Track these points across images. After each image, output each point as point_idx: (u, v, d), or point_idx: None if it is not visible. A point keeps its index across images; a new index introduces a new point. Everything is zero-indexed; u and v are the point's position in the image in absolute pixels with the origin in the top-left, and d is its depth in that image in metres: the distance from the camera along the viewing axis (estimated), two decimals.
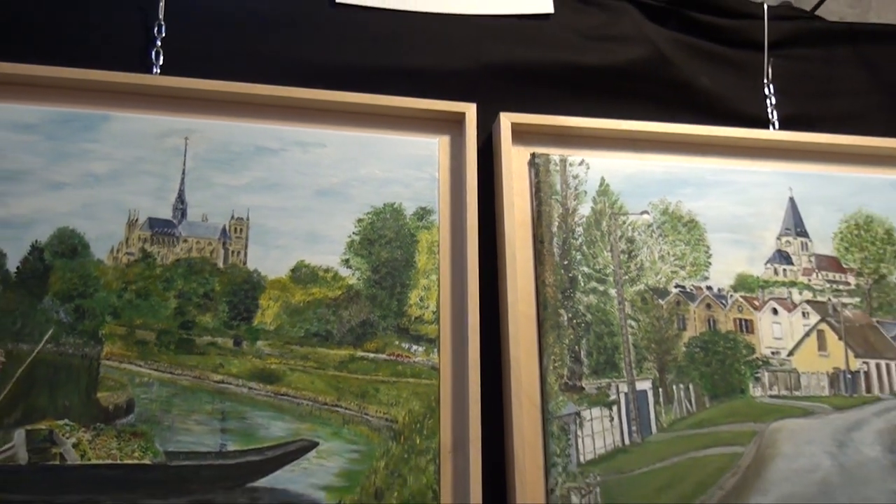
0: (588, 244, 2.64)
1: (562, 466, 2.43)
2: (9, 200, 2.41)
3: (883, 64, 2.95)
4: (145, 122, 2.53)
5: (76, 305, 2.37)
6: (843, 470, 2.54)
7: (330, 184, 2.57)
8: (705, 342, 2.63)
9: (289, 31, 2.71)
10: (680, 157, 2.78)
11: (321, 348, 2.45)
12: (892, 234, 2.78)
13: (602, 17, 2.90)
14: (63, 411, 2.29)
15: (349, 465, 2.35)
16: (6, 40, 2.54)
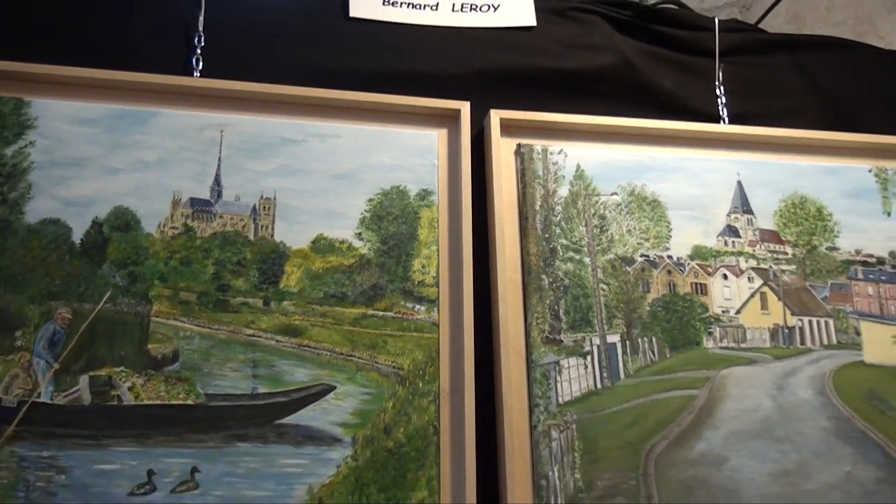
0: (566, 220, 2.65)
1: (543, 407, 2.45)
2: (73, 183, 2.43)
3: (815, 69, 2.96)
4: (187, 117, 2.55)
5: (130, 271, 2.39)
6: (781, 409, 2.56)
7: (344, 169, 2.59)
8: (666, 302, 2.64)
9: (309, 41, 2.72)
10: (644, 147, 2.79)
11: (337, 307, 2.47)
12: (822, 211, 2.79)
13: (577, 28, 2.91)
14: (119, 360, 2.32)
15: (362, 405, 2.38)
16: (74, 49, 2.55)
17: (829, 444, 2.54)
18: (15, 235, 2.37)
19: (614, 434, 2.47)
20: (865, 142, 2.87)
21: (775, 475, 2.48)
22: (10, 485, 2.15)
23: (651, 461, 2.45)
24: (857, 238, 2.79)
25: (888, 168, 2.85)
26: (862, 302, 2.72)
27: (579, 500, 2.38)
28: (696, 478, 2.45)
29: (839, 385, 2.62)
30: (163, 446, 2.25)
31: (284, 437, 2.31)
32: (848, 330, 2.69)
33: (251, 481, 2.25)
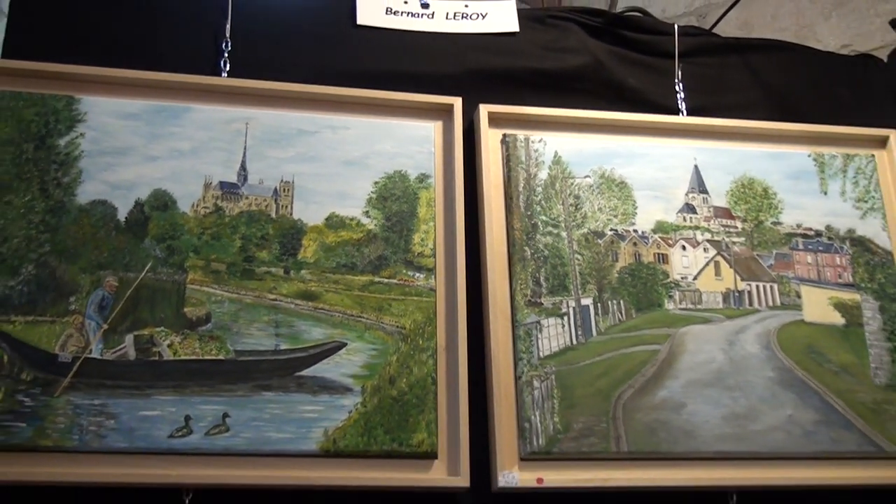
0: (545, 199, 2.66)
1: (526, 360, 2.47)
2: (118, 169, 2.45)
3: (762, 68, 2.97)
4: (216, 112, 2.56)
5: (168, 245, 2.41)
6: (732, 361, 2.59)
7: (353, 156, 2.60)
8: (632, 270, 2.66)
9: (322, 45, 2.74)
10: (613, 136, 2.80)
11: (348, 275, 2.49)
12: (768, 191, 2.80)
13: (555, 34, 2.91)
14: (160, 321, 2.34)
15: (370, 359, 2.40)
16: (118, 53, 2.57)
17: (773, 392, 2.56)
18: (68, 214, 2.39)
19: (588, 383, 2.49)
20: (805, 130, 2.88)
21: (727, 418, 2.50)
22: (66, 429, 2.18)
23: (619, 406, 2.47)
24: (798, 214, 2.80)
25: (825, 153, 2.86)
26: (802, 269, 2.74)
27: (557, 440, 2.40)
28: (658, 420, 2.48)
29: (782, 341, 2.64)
30: (198, 395, 2.28)
31: (303, 386, 2.34)
32: (790, 293, 2.71)
33: (275, 425, 2.28)
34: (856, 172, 2.85)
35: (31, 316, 2.29)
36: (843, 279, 2.75)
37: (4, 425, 2.16)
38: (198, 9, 2.70)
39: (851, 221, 2.82)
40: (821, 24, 3.80)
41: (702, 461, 2.47)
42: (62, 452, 2.18)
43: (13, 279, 2.31)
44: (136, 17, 2.67)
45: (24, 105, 2.45)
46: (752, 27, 3.83)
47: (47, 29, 2.61)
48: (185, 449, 2.22)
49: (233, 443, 2.25)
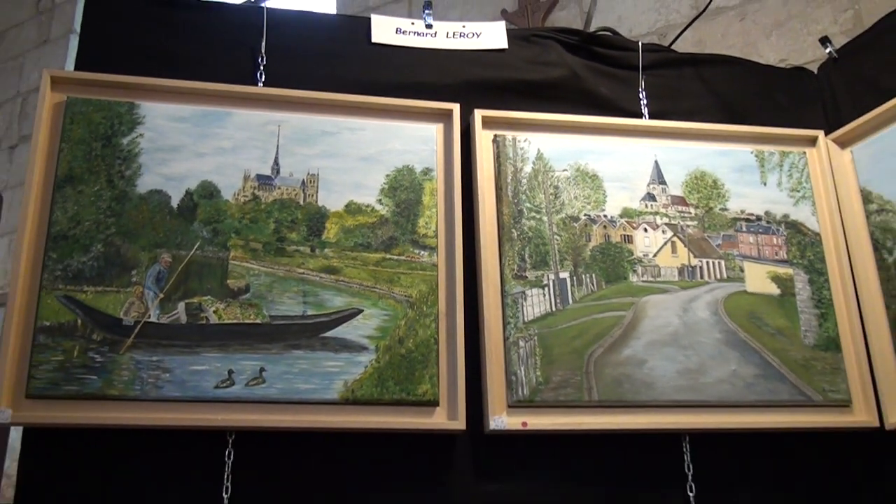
0: (530, 189, 2.68)
1: (513, 324, 2.51)
2: (171, 164, 2.47)
3: (712, 79, 2.98)
4: (254, 115, 2.58)
5: (213, 227, 2.45)
6: (686, 325, 2.62)
7: (368, 153, 2.62)
8: (602, 249, 2.68)
9: (342, 59, 2.76)
10: (587, 136, 2.81)
11: (364, 253, 2.52)
12: (717, 182, 2.82)
13: (538, 50, 2.93)
14: (207, 291, 2.38)
15: (383, 323, 2.44)
16: (172, 66, 2.59)
17: (720, 350, 2.60)
18: (130, 202, 2.42)
19: (564, 343, 2.53)
20: (748, 131, 2.91)
21: (681, 372, 2.54)
22: (129, 380, 2.23)
23: (591, 362, 2.51)
24: (742, 202, 2.83)
25: (765, 150, 2.88)
26: (745, 248, 2.76)
27: (539, 390, 2.44)
28: (623, 374, 2.51)
29: (728, 308, 2.67)
30: (239, 353, 2.32)
31: (327, 345, 2.38)
32: (735, 268, 2.73)
33: (303, 377, 2.33)
34: (790, 167, 2.87)
35: (100, 287, 2.32)
36: (779, 256, 2.77)
37: (78, 377, 2.21)
38: (239, 30, 2.71)
39: (786, 208, 2.84)
40: (763, 42, 3.81)
41: (660, 408, 2.50)
42: (126, 400, 2.23)
43: (85, 256, 2.34)
44: (188, 36, 2.68)
45: (93, 110, 2.47)
46: (705, 44, 3.85)
47: (112, 45, 2.62)
48: (228, 398, 2.27)
49: (268, 392, 2.29)
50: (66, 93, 2.49)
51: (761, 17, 3.88)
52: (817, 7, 3.76)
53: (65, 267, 2.32)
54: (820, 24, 3.66)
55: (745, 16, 3.91)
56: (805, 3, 3.79)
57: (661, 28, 4.03)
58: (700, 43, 3.86)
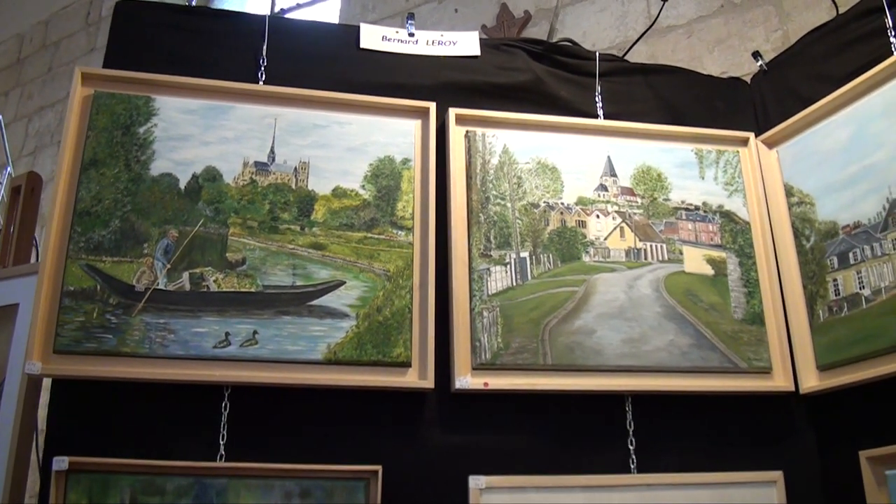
0: (496, 179, 2.61)
1: (479, 296, 2.44)
2: (180, 151, 2.40)
3: (659, 86, 2.92)
4: (254, 110, 2.50)
5: (215, 207, 2.38)
6: (631, 300, 2.55)
7: (354, 144, 2.53)
8: (559, 232, 2.61)
9: (334, 62, 2.68)
10: (548, 133, 2.73)
11: (348, 232, 2.44)
12: (661, 176, 2.75)
13: (506, 57, 2.85)
14: (208, 263, 2.32)
15: (363, 293, 2.37)
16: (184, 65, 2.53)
17: (660, 322, 2.53)
18: (144, 183, 2.36)
19: (523, 314, 2.46)
20: (689, 132, 2.83)
21: (625, 341, 2.48)
22: (140, 340, 2.19)
23: (547, 331, 2.44)
24: (682, 193, 2.75)
25: (703, 149, 2.81)
26: (684, 233, 2.69)
27: (500, 355, 2.38)
28: (575, 342, 2.45)
29: (668, 286, 2.60)
30: (235, 317, 2.26)
31: (313, 312, 2.32)
32: (675, 251, 2.66)
33: (291, 340, 2.27)
34: (725, 164, 2.80)
35: (117, 257, 2.27)
36: (713, 241, 2.71)
37: (97, 336, 2.18)
38: (244, 35, 2.65)
39: (721, 199, 2.77)
40: (706, 56, 3.76)
41: (606, 372, 2.45)
42: (137, 357, 2.19)
43: (104, 230, 2.29)
44: (199, 39, 2.62)
45: (115, 102, 2.41)
46: (657, 58, 3.79)
47: (134, 46, 2.57)
48: (225, 356, 2.23)
49: (260, 353, 2.24)
50: (94, 87, 2.44)
51: (705, 34, 3.82)
52: (752, 27, 3.70)
53: (87, 239, 2.27)
54: (754, 42, 3.61)
55: (692, 33, 3.85)
56: (742, 24, 3.74)
57: (620, 43, 3.97)
58: (653, 56, 3.80)
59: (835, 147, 2.59)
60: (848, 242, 2.51)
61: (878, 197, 2.43)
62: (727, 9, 3.80)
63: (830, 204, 2.59)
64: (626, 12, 4.04)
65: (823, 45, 2.78)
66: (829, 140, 2.62)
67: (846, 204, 2.54)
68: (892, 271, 2.36)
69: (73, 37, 6.47)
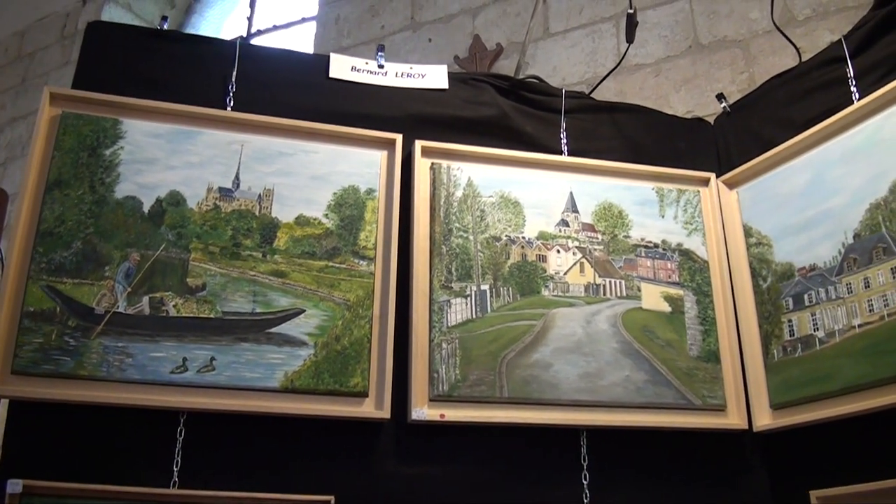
0: (459, 212, 2.62)
1: (438, 328, 2.45)
2: (145, 174, 2.40)
3: (623, 124, 2.95)
4: (220, 136, 2.50)
5: (177, 231, 2.37)
6: (588, 335, 2.56)
7: (319, 173, 2.53)
8: (520, 266, 2.62)
9: (302, 90, 2.68)
10: (512, 167, 2.75)
11: (309, 260, 2.44)
12: (622, 213, 2.77)
13: (474, 91, 2.87)
14: (168, 287, 2.31)
15: (322, 322, 2.37)
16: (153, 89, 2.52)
17: (616, 358, 2.55)
18: (108, 206, 2.34)
19: (482, 346, 2.47)
20: (651, 171, 2.86)
21: (581, 376, 2.49)
22: (98, 363, 2.17)
23: (504, 364, 2.45)
24: (642, 231, 2.77)
25: (664, 188, 2.84)
26: (643, 270, 2.71)
27: (458, 387, 2.39)
28: (532, 375, 2.46)
29: (625, 321, 2.62)
30: (193, 343, 2.25)
31: (271, 340, 2.31)
32: (633, 287, 2.68)
33: (248, 367, 2.26)
34: (685, 203, 2.83)
35: (78, 279, 2.25)
36: (671, 279, 2.72)
37: (54, 358, 2.16)
38: (213, 59, 2.65)
39: (680, 238, 2.79)
40: (673, 95, 3.79)
41: (562, 406, 2.45)
42: (94, 380, 2.18)
43: (66, 251, 2.27)
44: (170, 63, 2.61)
45: (83, 123, 2.40)
46: (625, 95, 3.81)
47: (104, 68, 2.56)
48: (182, 382, 2.21)
49: (217, 379, 2.23)
50: (62, 107, 2.43)
51: (673, 74, 3.85)
52: (719, 69, 3.74)
53: (49, 260, 2.26)
54: (721, 83, 3.64)
55: (660, 72, 3.88)
56: (709, 65, 3.77)
57: (589, 78, 3.99)
58: (621, 93, 3.83)
59: (794, 191, 2.63)
60: (803, 284, 2.54)
61: (834, 241, 2.47)
62: (695, 49, 3.84)
63: (787, 246, 2.62)
64: (596, 49, 4.08)
65: (786, 91, 2.83)
66: (788, 184, 2.66)
67: (803, 247, 2.57)
68: (846, 314, 2.39)
69: (48, 49, 6.42)
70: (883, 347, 2.26)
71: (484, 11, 4.49)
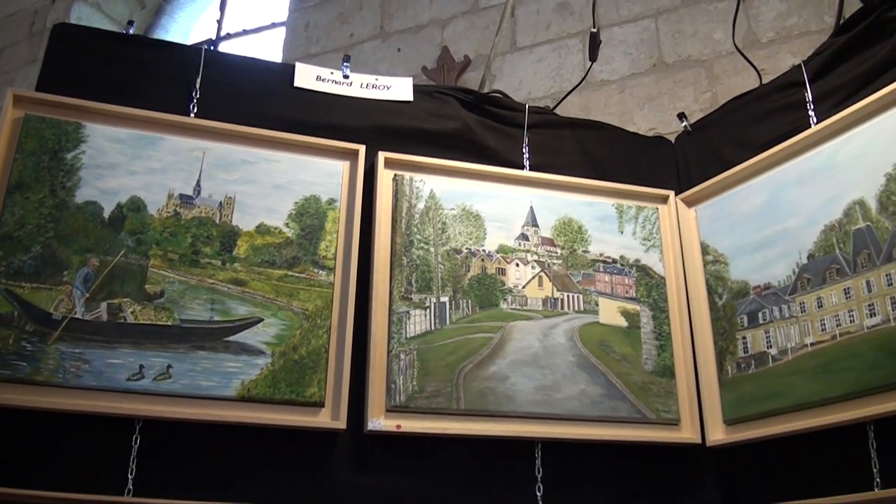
0: (421, 224, 2.63)
1: (397, 339, 2.46)
2: (107, 179, 2.38)
3: (585, 140, 2.98)
4: (183, 142, 2.49)
5: (137, 238, 2.35)
6: (545, 348, 2.59)
7: (281, 182, 2.54)
8: (479, 278, 2.64)
9: (266, 99, 2.68)
10: (474, 181, 2.77)
11: (269, 269, 2.44)
12: (581, 228, 2.80)
13: (438, 104, 2.88)
14: (127, 294, 2.29)
15: (280, 332, 2.37)
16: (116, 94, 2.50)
17: (572, 371, 2.57)
18: (68, 210, 2.32)
19: (440, 358, 2.48)
20: (611, 187, 2.89)
21: (538, 388, 2.51)
22: (54, 369, 2.15)
23: (461, 376, 2.46)
24: (601, 246, 2.80)
25: (624, 204, 2.87)
26: (601, 285, 2.74)
27: (414, 398, 2.40)
28: (488, 388, 2.47)
29: (582, 336, 2.64)
30: (150, 350, 2.24)
31: (229, 348, 2.31)
32: (591, 302, 2.71)
33: (205, 375, 2.25)
34: (644, 219, 2.87)
35: (36, 283, 2.23)
36: (629, 294, 2.75)
37: (11, 363, 2.14)
38: (178, 65, 2.63)
39: (638, 254, 2.82)
40: (636, 112, 3.83)
41: (518, 418, 2.47)
42: (50, 386, 2.15)
43: (25, 255, 2.25)
44: (135, 68, 2.60)
45: (45, 126, 2.38)
46: (590, 110, 3.85)
47: (69, 71, 2.53)
48: (139, 389, 2.20)
49: (173, 387, 2.22)
50: (25, 110, 2.41)
51: (637, 91, 3.89)
52: (683, 87, 3.79)
53: (8, 264, 2.23)
54: (684, 102, 3.69)
55: (624, 89, 3.92)
56: (673, 83, 3.82)
57: (555, 93, 4.02)
58: (585, 108, 3.87)
59: (750, 210, 2.67)
60: (758, 302, 2.58)
61: (789, 261, 2.51)
62: (659, 68, 3.88)
63: (743, 264, 2.66)
64: (563, 64, 4.11)
65: (746, 112, 2.88)
66: (745, 203, 2.70)
67: (758, 265, 2.61)
68: (798, 333, 2.44)
69: (16, 46, 6.35)
70: (834, 366, 2.31)
71: (453, 23, 4.52)
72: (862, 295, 2.29)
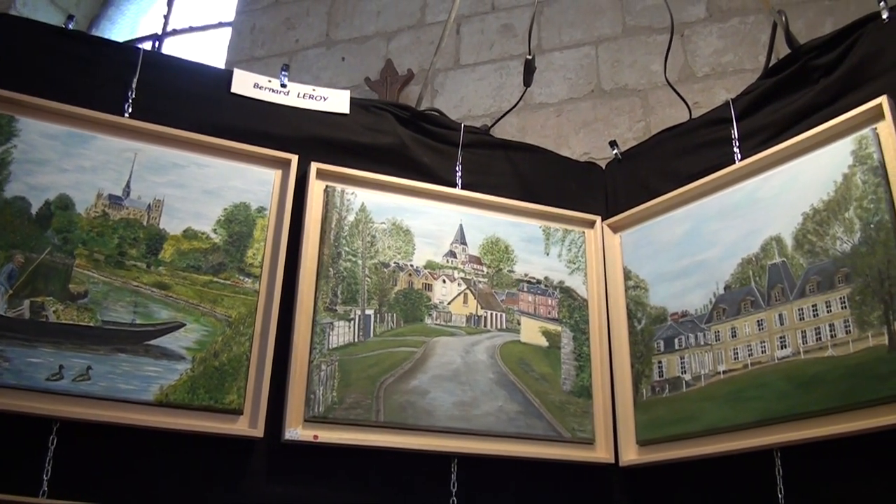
0: (350, 236, 2.65)
1: (319, 349, 2.47)
2: (37, 175, 2.36)
3: (517, 162, 3.03)
4: (115, 142, 2.47)
5: (64, 236, 2.33)
6: (467, 364, 2.63)
7: (211, 187, 2.54)
8: (405, 293, 2.67)
9: (202, 103, 2.67)
10: (406, 196, 2.80)
11: (195, 274, 2.44)
12: (508, 248, 2.85)
13: (374, 118, 2.91)
14: (50, 292, 2.27)
15: (202, 338, 2.37)
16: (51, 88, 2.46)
17: (491, 388, 2.61)
18: None
19: (362, 370, 2.50)
20: (539, 209, 2.94)
21: (456, 404, 2.55)
22: None
23: (382, 389, 2.49)
24: (527, 266, 2.85)
25: (551, 227, 2.93)
26: (524, 305, 2.79)
27: (334, 409, 2.42)
28: (408, 401, 2.50)
29: (503, 353, 2.69)
30: (70, 351, 2.22)
31: (149, 352, 2.30)
32: (513, 321, 2.76)
33: (125, 378, 2.24)
34: (570, 243, 2.92)
35: None
36: (551, 315, 2.81)
37: None
38: (115, 64, 2.61)
39: (562, 276, 2.87)
40: (572, 136, 3.89)
41: (436, 433, 2.50)
42: None
43: None
44: (70, 63, 2.57)
45: None
46: (526, 131, 3.91)
47: (4, 63, 2.48)
48: (57, 389, 2.18)
49: (92, 389, 2.20)
50: None
51: (574, 115, 3.96)
52: (618, 115, 3.87)
53: None
54: (618, 129, 3.77)
55: (561, 113, 3.99)
56: (609, 111, 3.90)
57: (494, 112, 4.07)
58: (523, 129, 3.92)
59: (672, 240, 2.75)
60: (675, 329, 2.65)
61: (706, 291, 2.60)
62: (597, 94, 3.96)
63: (662, 291, 2.74)
64: (504, 84, 4.17)
65: (675, 144, 2.96)
66: (667, 232, 2.78)
67: (677, 293, 2.69)
68: (712, 360, 2.52)
69: None
70: (744, 394, 2.40)
71: (398, 37, 4.56)
72: (774, 327, 2.38)
